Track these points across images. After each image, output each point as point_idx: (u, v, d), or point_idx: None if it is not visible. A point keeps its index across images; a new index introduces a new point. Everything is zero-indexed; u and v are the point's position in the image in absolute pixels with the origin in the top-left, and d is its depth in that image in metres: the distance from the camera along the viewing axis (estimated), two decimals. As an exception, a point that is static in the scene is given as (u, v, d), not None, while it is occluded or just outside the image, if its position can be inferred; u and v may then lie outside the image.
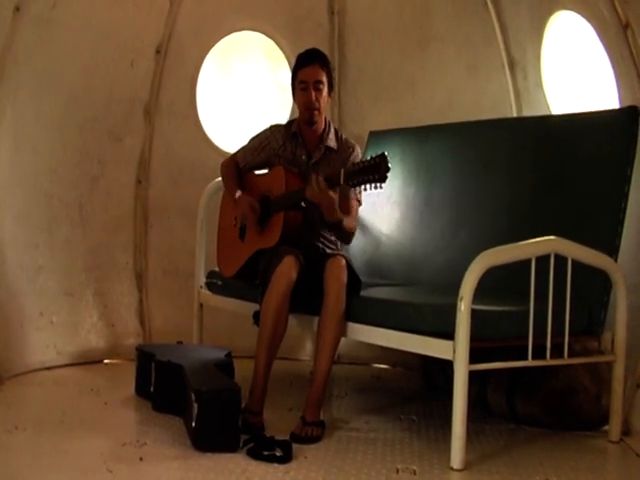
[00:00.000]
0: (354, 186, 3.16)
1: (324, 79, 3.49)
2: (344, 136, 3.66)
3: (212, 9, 4.75)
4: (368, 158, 3.06)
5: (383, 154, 3.00)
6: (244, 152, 3.74)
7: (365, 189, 3.10)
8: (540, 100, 4.11)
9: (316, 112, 3.51)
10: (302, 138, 3.60)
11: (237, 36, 4.86)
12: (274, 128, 3.71)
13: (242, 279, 3.68)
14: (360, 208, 3.62)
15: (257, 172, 3.77)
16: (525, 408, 3.39)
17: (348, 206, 3.49)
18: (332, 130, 3.62)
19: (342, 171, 3.15)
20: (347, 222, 3.43)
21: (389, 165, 2.99)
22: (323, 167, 3.54)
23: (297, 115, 3.64)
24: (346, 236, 3.51)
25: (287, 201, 3.38)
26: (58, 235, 4.42)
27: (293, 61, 4.65)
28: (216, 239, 3.92)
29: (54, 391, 3.87)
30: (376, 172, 3.01)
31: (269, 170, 3.69)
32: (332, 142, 3.59)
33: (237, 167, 3.75)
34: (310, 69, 3.49)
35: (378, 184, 3.03)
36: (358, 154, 3.61)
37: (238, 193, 3.61)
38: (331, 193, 3.23)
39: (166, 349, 3.77)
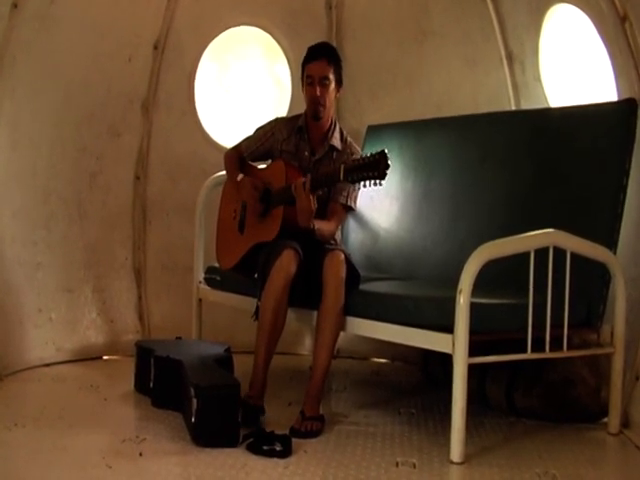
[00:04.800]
0: (353, 182, 3.17)
1: (331, 75, 3.48)
2: (349, 139, 3.66)
3: (209, 4, 4.74)
4: (368, 154, 3.06)
5: (383, 151, 3.00)
6: (248, 142, 3.76)
7: (365, 186, 3.10)
8: (538, 94, 4.10)
9: (321, 108, 3.50)
10: (307, 133, 3.60)
11: (235, 31, 4.85)
12: (279, 120, 3.72)
13: (240, 272, 3.68)
14: (358, 202, 3.61)
15: (259, 166, 3.77)
16: (524, 401, 3.39)
17: (332, 209, 3.51)
18: (337, 129, 3.62)
19: (342, 167, 3.15)
20: (324, 226, 3.43)
21: (389, 162, 2.99)
22: (325, 165, 3.55)
23: (296, 110, 3.64)
24: (323, 240, 3.48)
25: (285, 195, 3.38)
26: (56, 231, 4.41)
27: (291, 55, 4.73)
28: (215, 231, 3.91)
29: (53, 388, 3.87)
30: (375, 169, 3.01)
31: (270, 163, 3.69)
32: (337, 141, 3.59)
33: (240, 157, 3.76)
34: (317, 65, 3.48)
35: (377, 181, 3.03)
36: None
37: (240, 176, 3.61)
38: (312, 201, 3.24)
39: (165, 345, 3.77)
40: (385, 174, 3.01)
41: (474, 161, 3.95)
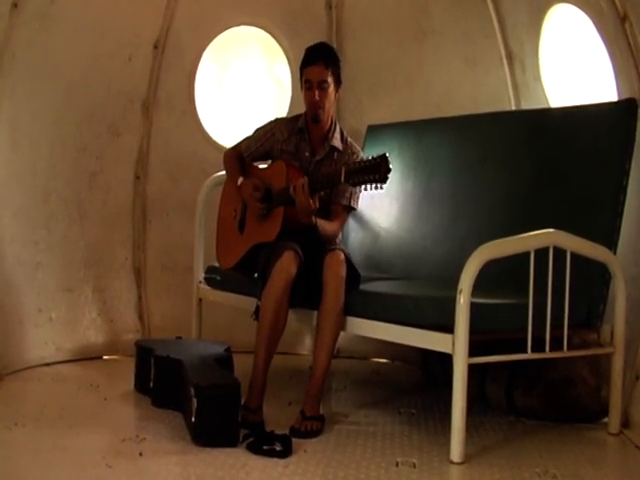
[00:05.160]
0: (354, 185, 3.17)
1: (329, 79, 3.47)
2: (349, 139, 3.65)
3: (209, 4, 4.74)
4: (369, 157, 3.06)
5: (384, 154, 3.00)
6: (248, 142, 3.75)
7: (365, 189, 3.10)
8: (538, 93, 4.10)
9: (320, 111, 3.50)
10: (307, 134, 3.59)
11: (235, 31, 4.85)
12: (279, 120, 3.72)
13: (240, 271, 3.68)
14: (358, 202, 3.61)
15: (259, 166, 3.77)
16: (524, 400, 3.39)
17: (335, 211, 3.53)
18: (337, 129, 3.62)
19: (343, 169, 3.15)
20: (327, 225, 3.44)
21: (390, 166, 2.98)
22: (326, 166, 3.55)
23: (296, 110, 3.63)
24: (325, 240, 3.48)
25: (285, 196, 3.37)
26: (56, 231, 4.41)
27: (291, 55, 4.73)
28: (215, 230, 3.91)
29: (53, 387, 3.87)
30: (377, 172, 3.00)
31: (271, 164, 3.69)
32: (337, 142, 3.59)
33: (240, 157, 3.75)
34: (315, 69, 3.47)
35: (378, 184, 3.03)
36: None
37: (240, 179, 3.60)
38: (311, 201, 3.24)
39: (165, 344, 3.77)
40: (386, 178, 2.99)
41: (474, 161, 3.95)
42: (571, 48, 3.99)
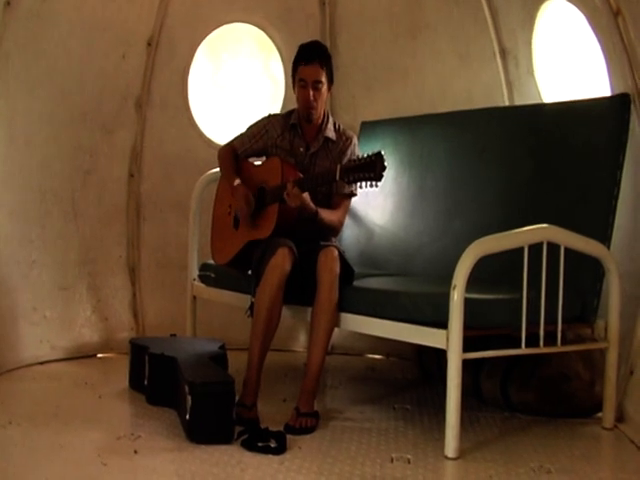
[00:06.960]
0: (350, 182, 3.20)
1: (323, 78, 3.48)
2: (342, 127, 3.66)
3: (203, 1, 4.74)
4: (365, 155, 3.08)
5: (380, 153, 3.02)
6: (242, 139, 3.74)
7: (361, 187, 3.14)
8: (532, 89, 4.11)
9: (313, 111, 3.51)
10: (301, 129, 3.60)
11: (228, 28, 4.85)
12: (272, 117, 3.71)
13: (235, 267, 3.68)
14: (354, 199, 3.62)
15: (254, 162, 3.77)
16: (519, 396, 3.39)
17: (337, 202, 3.55)
18: (330, 121, 3.62)
19: (338, 167, 3.18)
20: (328, 215, 3.45)
21: (385, 164, 3.02)
22: (321, 158, 3.56)
23: (290, 106, 3.63)
24: (328, 230, 3.50)
25: (280, 193, 3.37)
26: (51, 229, 4.40)
27: (284, 52, 4.73)
28: (210, 227, 3.91)
29: (48, 386, 3.87)
30: (372, 170, 3.04)
31: (265, 160, 3.69)
32: (331, 133, 3.60)
33: (235, 154, 3.75)
34: (310, 68, 3.47)
35: (374, 182, 3.06)
36: (355, 145, 3.63)
37: (237, 181, 3.60)
38: (302, 198, 3.28)
39: (160, 342, 3.77)
40: (382, 176, 3.03)
41: (469, 156, 3.95)
42: (564, 43, 3.99)
